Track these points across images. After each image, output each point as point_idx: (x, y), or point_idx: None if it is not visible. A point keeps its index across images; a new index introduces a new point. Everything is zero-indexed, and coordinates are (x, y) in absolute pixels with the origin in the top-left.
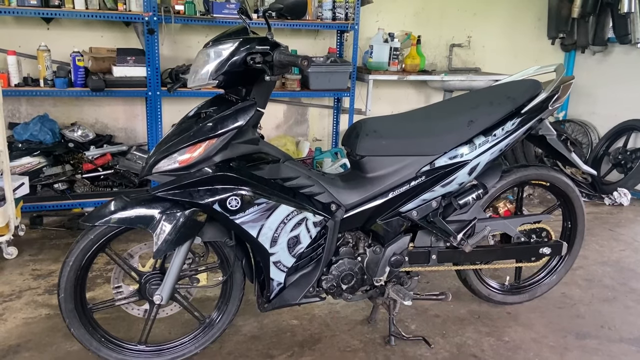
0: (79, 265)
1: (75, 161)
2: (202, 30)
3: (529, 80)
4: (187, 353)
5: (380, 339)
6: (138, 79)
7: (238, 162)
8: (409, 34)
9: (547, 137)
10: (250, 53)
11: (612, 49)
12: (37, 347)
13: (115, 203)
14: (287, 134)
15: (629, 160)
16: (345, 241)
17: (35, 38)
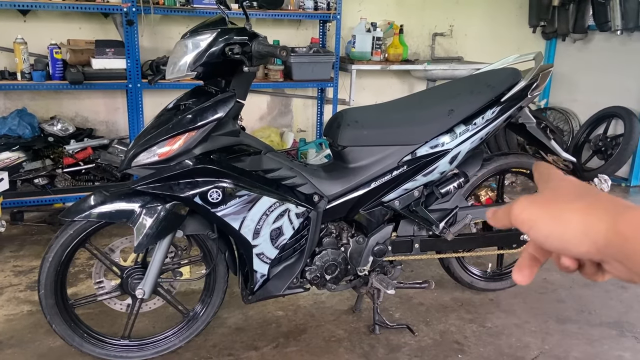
0: (58, 261)
1: (56, 155)
2: (182, 21)
3: (508, 68)
4: (172, 347)
5: (365, 328)
6: (118, 71)
7: (219, 154)
8: (392, 24)
9: (526, 125)
10: (228, 44)
11: (593, 36)
12: (19, 344)
13: (95, 197)
14: (271, 125)
15: (609, 146)
16: (328, 232)
17: (12, 30)
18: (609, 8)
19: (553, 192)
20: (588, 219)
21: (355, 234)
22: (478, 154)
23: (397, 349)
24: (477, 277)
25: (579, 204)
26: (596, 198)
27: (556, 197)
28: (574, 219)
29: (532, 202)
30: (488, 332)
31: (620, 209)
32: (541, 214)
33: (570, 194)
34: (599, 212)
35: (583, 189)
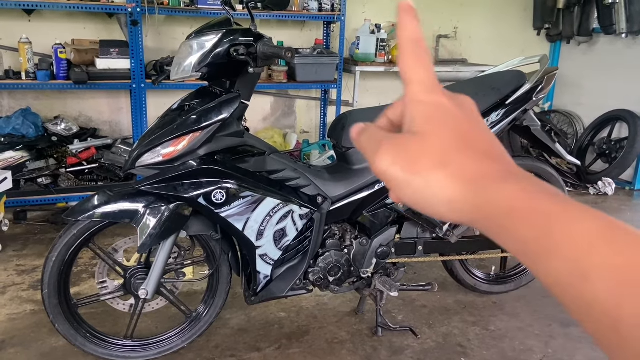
0: (62, 261)
1: (59, 155)
2: (186, 22)
3: (513, 71)
4: (174, 347)
5: (368, 330)
6: (122, 71)
7: (223, 155)
8: (396, 25)
9: (531, 127)
10: (233, 45)
11: (597, 39)
12: (22, 343)
13: (99, 197)
14: (275, 126)
15: (613, 150)
16: (331, 233)
17: (17, 30)
18: (614, 11)
19: (420, 143)
20: (453, 193)
21: (358, 236)
22: None
23: (400, 352)
24: (481, 280)
25: (445, 170)
26: (463, 160)
27: (423, 153)
28: (439, 190)
29: (394, 159)
30: (491, 335)
31: (485, 181)
32: (406, 179)
33: (437, 149)
34: (465, 185)
35: (451, 139)
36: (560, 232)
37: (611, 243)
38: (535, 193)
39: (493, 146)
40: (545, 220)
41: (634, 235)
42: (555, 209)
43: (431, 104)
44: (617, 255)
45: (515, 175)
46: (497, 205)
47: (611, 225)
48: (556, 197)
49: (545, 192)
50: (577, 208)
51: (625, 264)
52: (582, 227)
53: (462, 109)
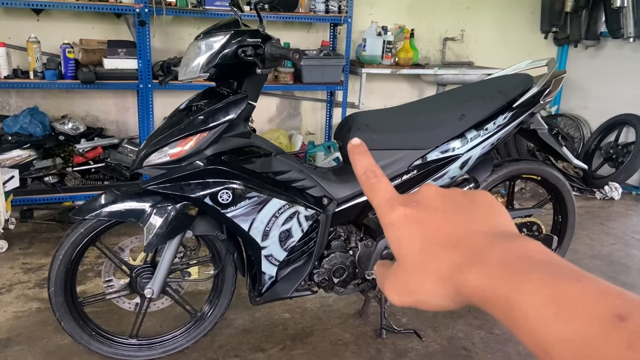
0: (69, 259)
1: (66, 154)
2: (193, 23)
3: (520, 74)
4: (179, 346)
5: (372, 332)
6: (129, 71)
7: (229, 155)
8: (403, 28)
9: (538, 131)
10: (241, 46)
11: (605, 43)
12: (28, 341)
13: (106, 196)
14: (280, 128)
15: (620, 154)
16: (337, 235)
17: (25, 29)
18: (621, 15)
19: (401, 268)
20: (443, 293)
21: (363, 238)
22: (489, 159)
23: (404, 354)
24: None
25: (427, 279)
26: (434, 263)
27: (407, 276)
28: (434, 298)
29: (397, 291)
30: (496, 339)
31: (456, 273)
32: (415, 301)
33: (414, 266)
34: (444, 283)
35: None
36: (518, 312)
37: (559, 316)
38: (497, 274)
39: (455, 222)
40: (507, 303)
41: (579, 302)
42: (512, 289)
43: (396, 223)
44: (566, 329)
45: (481, 257)
46: (472, 294)
47: (558, 295)
48: (513, 275)
49: (506, 268)
50: (530, 283)
51: (573, 337)
52: (535, 305)
53: (422, 205)
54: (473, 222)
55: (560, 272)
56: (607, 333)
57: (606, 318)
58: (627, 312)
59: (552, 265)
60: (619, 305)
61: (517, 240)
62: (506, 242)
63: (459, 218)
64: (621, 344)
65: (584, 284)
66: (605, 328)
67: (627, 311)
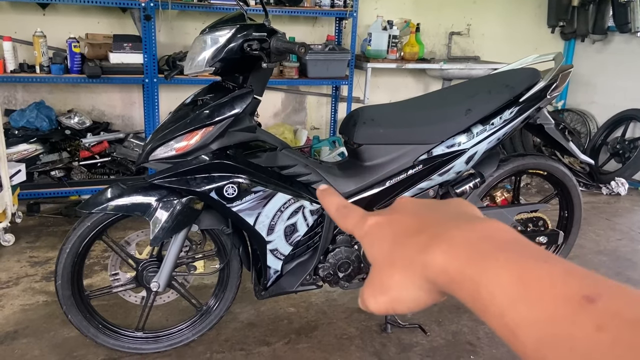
0: (75, 252)
1: (72, 148)
2: (199, 17)
3: (527, 68)
4: (184, 340)
5: (377, 326)
6: (135, 65)
7: (235, 149)
8: (408, 22)
9: (545, 126)
10: (247, 40)
11: (612, 37)
12: (35, 334)
13: (112, 190)
14: (285, 122)
15: (627, 149)
16: (341, 230)
17: (31, 24)
18: (629, 9)
19: (376, 270)
20: (413, 282)
21: None
22: (494, 154)
23: (408, 349)
24: None
25: (394, 270)
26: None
27: (380, 275)
28: (406, 291)
29: (374, 294)
30: None
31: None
32: (381, 299)
33: (384, 261)
34: (409, 273)
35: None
36: (485, 293)
37: (527, 298)
38: (463, 254)
39: (422, 217)
40: (473, 284)
41: (546, 283)
42: (478, 269)
43: (369, 231)
44: (533, 310)
45: (445, 237)
46: (438, 275)
47: (525, 276)
48: (479, 255)
49: (472, 247)
50: (496, 263)
51: (540, 318)
52: (502, 285)
53: (394, 212)
54: (440, 214)
55: (526, 253)
56: (575, 314)
57: (574, 299)
58: (595, 293)
59: (518, 245)
60: (587, 286)
61: (482, 221)
62: (471, 223)
63: (429, 214)
64: (590, 326)
65: (551, 264)
66: (573, 309)
67: (595, 292)
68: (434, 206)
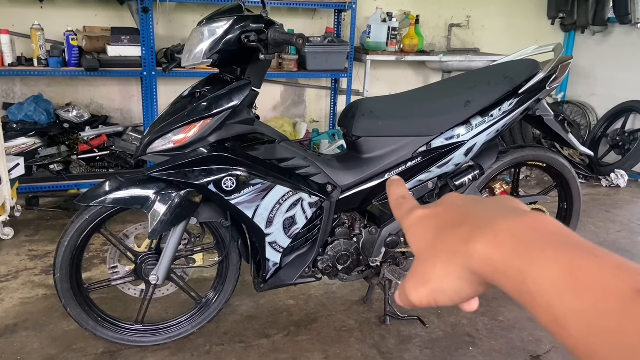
0: (74, 246)
1: (71, 142)
2: (197, 9)
3: (527, 60)
4: (184, 332)
5: (376, 318)
6: (133, 58)
7: (233, 142)
8: (408, 14)
9: (544, 117)
10: (244, 31)
11: (612, 29)
12: (34, 327)
13: (110, 183)
14: (285, 115)
15: (627, 141)
16: (341, 222)
17: (29, 17)
18: (629, 0)
19: (419, 262)
20: (455, 273)
21: (368, 225)
22: (494, 146)
23: (407, 340)
24: None
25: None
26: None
27: (424, 266)
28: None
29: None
30: (500, 325)
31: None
32: (422, 290)
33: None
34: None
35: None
36: (532, 285)
37: (576, 290)
38: (508, 245)
39: (467, 211)
40: (519, 276)
41: (597, 276)
42: (525, 261)
43: (414, 222)
44: (582, 302)
45: (491, 228)
46: (482, 266)
47: (574, 268)
48: (526, 247)
49: (518, 238)
50: (544, 255)
51: (590, 310)
52: (550, 277)
53: (440, 205)
54: (487, 208)
55: (575, 246)
56: (626, 308)
57: (625, 293)
58: None
59: (566, 237)
60: (638, 281)
61: (528, 214)
62: (517, 215)
63: (474, 208)
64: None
65: (601, 258)
66: (625, 303)
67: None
68: (480, 201)
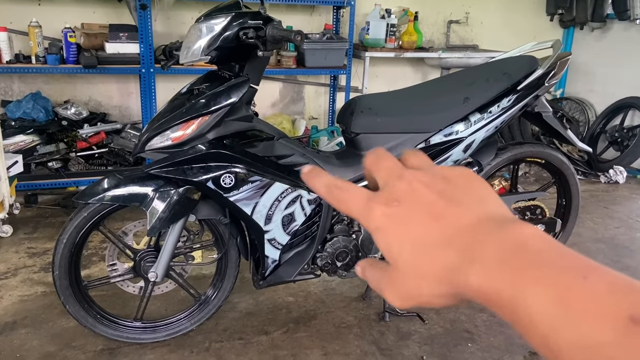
0: (73, 243)
1: (69, 139)
2: (195, 6)
3: (525, 56)
4: (183, 329)
5: (375, 315)
6: (131, 55)
7: (232, 139)
8: (406, 10)
9: (543, 114)
10: (242, 28)
11: (611, 25)
12: (33, 324)
13: (109, 180)
14: (283, 113)
15: (625, 138)
16: (339, 219)
17: (27, 14)
18: None
19: (395, 271)
20: (438, 292)
21: None
22: (492, 143)
23: (407, 337)
24: None
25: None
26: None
27: (403, 277)
28: (430, 296)
29: (399, 294)
30: (499, 321)
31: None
32: (417, 301)
33: (409, 267)
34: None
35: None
36: (524, 315)
37: (568, 319)
38: (497, 273)
39: (443, 215)
40: (511, 305)
41: (588, 302)
42: (515, 289)
43: (381, 226)
44: (576, 333)
45: (477, 254)
46: (474, 296)
47: (564, 296)
48: (514, 273)
49: (506, 264)
50: (534, 280)
51: (584, 342)
52: (541, 306)
53: (403, 201)
54: (462, 212)
55: (564, 266)
56: (621, 338)
57: (619, 321)
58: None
59: (554, 256)
60: (632, 304)
61: (512, 227)
62: (501, 231)
63: (445, 209)
64: (638, 351)
65: (591, 280)
66: (619, 332)
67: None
68: (445, 190)
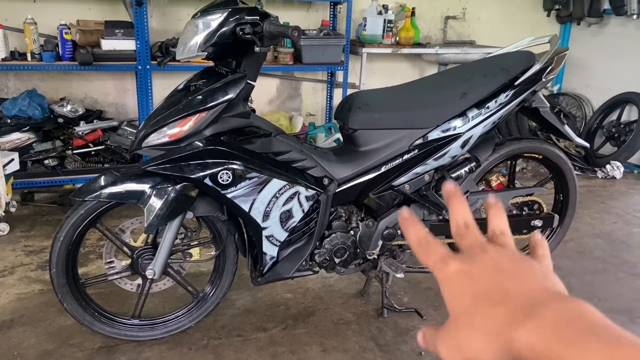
0: (69, 241)
1: (66, 137)
2: (191, 2)
3: (522, 51)
4: (181, 327)
5: (373, 311)
6: (127, 52)
7: (229, 135)
8: (403, 6)
9: (540, 109)
10: (239, 24)
11: (608, 20)
12: (31, 322)
13: (105, 178)
14: (281, 109)
15: (622, 133)
16: (338, 215)
17: (22, 11)
18: None
19: (454, 326)
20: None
21: (364, 218)
22: (490, 138)
23: (405, 333)
24: None
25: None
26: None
27: (458, 333)
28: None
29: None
30: None
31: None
32: (455, 356)
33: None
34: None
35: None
36: None
37: None
38: (551, 332)
39: (506, 283)
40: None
41: None
42: (567, 351)
43: (450, 278)
44: None
45: (533, 313)
46: (524, 351)
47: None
48: (568, 336)
49: (560, 327)
50: (586, 346)
51: None
52: None
53: (476, 261)
54: (526, 280)
55: (617, 339)
56: None
57: None
58: None
59: (606, 328)
60: None
61: (572, 300)
62: (559, 302)
63: (512, 275)
64: None
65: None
66: None
67: None
68: (516, 266)
